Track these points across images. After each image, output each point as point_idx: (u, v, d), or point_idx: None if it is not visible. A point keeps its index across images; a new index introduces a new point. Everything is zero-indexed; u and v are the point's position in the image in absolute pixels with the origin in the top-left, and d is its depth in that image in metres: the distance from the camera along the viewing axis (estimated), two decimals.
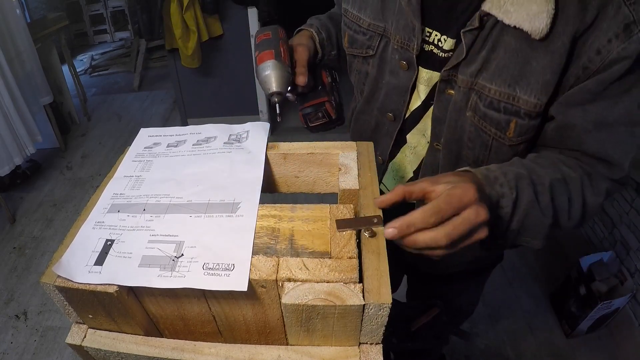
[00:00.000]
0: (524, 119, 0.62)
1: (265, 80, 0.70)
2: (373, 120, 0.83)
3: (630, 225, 1.67)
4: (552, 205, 0.59)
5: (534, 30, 0.55)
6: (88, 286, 0.47)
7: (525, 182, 0.57)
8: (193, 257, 0.47)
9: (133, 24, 4.39)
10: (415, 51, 0.67)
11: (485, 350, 1.70)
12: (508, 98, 0.61)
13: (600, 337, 1.71)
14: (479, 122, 0.65)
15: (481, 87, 0.63)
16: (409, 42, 0.68)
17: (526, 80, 0.59)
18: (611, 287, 1.59)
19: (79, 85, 3.39)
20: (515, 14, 0.55)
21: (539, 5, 0.53)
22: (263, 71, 0.70)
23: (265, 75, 0.70)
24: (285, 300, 0.43)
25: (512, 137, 0.64)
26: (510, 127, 0.63)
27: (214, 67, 2.85)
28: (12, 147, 2.26)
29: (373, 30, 0.74)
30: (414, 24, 0.66)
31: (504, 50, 0.59)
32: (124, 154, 0.66)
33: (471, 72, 0.63)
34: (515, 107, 0.61)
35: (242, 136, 0.66)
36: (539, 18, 0.54)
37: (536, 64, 0.58)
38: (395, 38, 0.70)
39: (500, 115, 0.63)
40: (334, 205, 0.53)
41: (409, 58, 0.69)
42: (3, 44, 2.21)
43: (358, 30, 0.76)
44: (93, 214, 0.56)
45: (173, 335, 0.56)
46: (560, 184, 0.59)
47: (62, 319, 1.89)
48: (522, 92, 0.60)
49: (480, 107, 0.64)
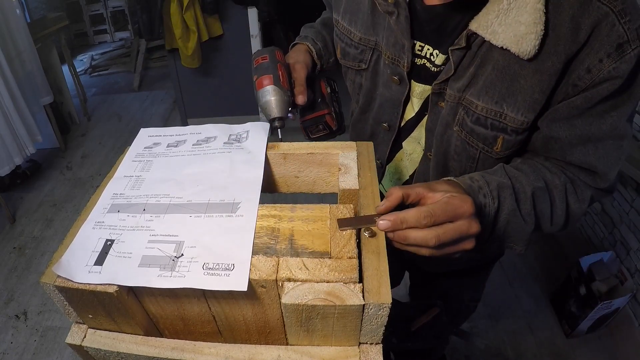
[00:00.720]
0: (510, 135, 0.62)
1: (266, 106, 0.71)
2: (369, 128, 0.84)
3: (630, 225, 1.67)
4: (534, 212, 0.60)
5: (522, 52, 0.54)
6: (88, 286, 0.47)
7: (508, 192, 0.59)
8: (193, 257, 0.47)
9: (133, 24, 4.38)
10: (405, 68, 0.67)
11: (485, 350, 1.70)
12: (495, 115, 0.61)
13: (600, 337, 1.71)
14: (466, 136, 0.65)
15: (468, 102, 0.62)
16: (399, 58, 0.68)
17: (514, 98, 0.58)
18: (611, 287, 1.59)
19: (79, 85, 3.39)
20: (502, 34, 0.54)
21: (527, 27, 0.52)
22: (263, 97, 0.71)
23: (265, 102, 0.71)
24: (285, 300, 0.43)
25: (500, 152, 0.64)
26: (498, 142, 0.63)
27: (214, 67, 2.85)
28: (12, 147, 2.26)
29: (364, 44, 0.73)
30: (403, 42, 0.66)
31: (492, 67, 0.59)
32: (124, 154, 0.66)
33: (459, 87, 0.62)
34: (502, 124, 0.61)
35: (242, 136, 0.66)
36: (527, 39, 0.53)
37: (524, 82, 0.57)
38: (386, 54, 0.70)
39: (487, 132, 0.63)
40: (334, 205, 0.53)
41: (400, 73, 0.69)
42: (3, 44, 2.21)
43: (350, 44, 0.76)
44: (93, 214, 0.55)
45: (173, 335, 0.56)
46: (543, 191, 0.61)
47: (62, 319, 1.89)
48: (510, 109, 0.59)
49: (467, 122, 0.64)
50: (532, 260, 2.05)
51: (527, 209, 0.60)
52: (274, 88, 0.71)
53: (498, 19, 0.53)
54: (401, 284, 1.25)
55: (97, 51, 4.75)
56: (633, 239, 1.66)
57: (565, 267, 1.82)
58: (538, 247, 2.09)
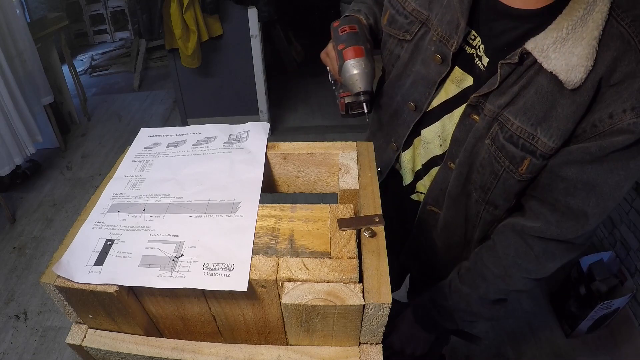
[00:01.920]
0: (538, 159, 0.63)
1: (357, 78, 0.69)
2: (394, 104, 0.82)
3: (630, 225, 1.67)
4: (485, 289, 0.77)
5: (569, 81, 0.55)
6: (88, 286, 0.47)
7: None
8: (193, 257, 0.47)
9: (133, 24, 4.37)
10: (453, 48, 0.67)
11: (485, 350, 1.70)
12: (528, 136, 0.62)
13: (600, 337, 1.71)
14: (495, 151, 0.66)
15: (505, 119, 0.63)
16: (449, 37, 0.67)
17: (548, 123, 0.60)
18: (611, 287, 1.59)
19: (79, 85, 3.39)
20: (555, 61, 0.55)
21: (579, 59, 0.54)
22: (355, 68, 0.68)
23: (356, 73, 0.68)
24: (285, 300, 0.43)
25: (523, 174, 0.65)
26: (524, 164, 0.64)
27: (214, 67, 2.85)
28: (12, 147, 2.26)
29: (415, 16, 0.72)
30: (459, 22, 0.65)
31: (535, 90, 0.60)
32: (124, 154, 0.66)
33: (499, 104, 0.63)
34: (532, 147, 0.62)
35: (242, 136, 0.66)
36: (575, 71, 0.54)
37: (561, 110, 0.59)
38: (436, 30, 0.69)
39: (516, 151, 0.64)
40: (334, 205, 0.53)
41: (445, 53, 0.68)
42: (3, 44, 2.21)
43: (400, 12, 0.75)
44: (93, 214, 0.56)
45: (173, 335, 0.56)
46: (472, 276, 0.78)
47: (62, 319, 1.89)
48: (543, 134, 0.61)
49: (499, 138, 0.65)
50: None
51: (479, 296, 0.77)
52: (367, 59, 0.68)
53: (554, 46, 0.55)
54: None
55: (97, 51, 4.75)
56: (633, 239, 1.66)
57: (565, 267, 1.82)
58: None
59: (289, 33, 3.87)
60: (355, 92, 0.70)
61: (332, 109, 3.37)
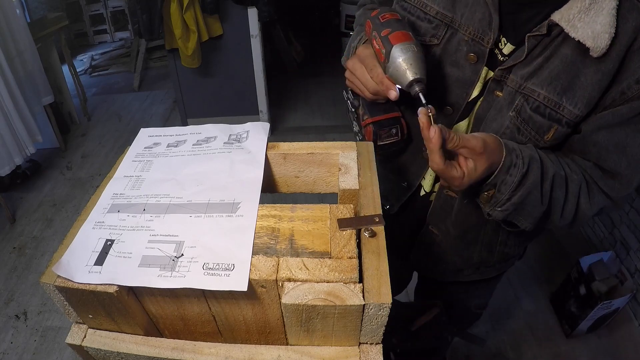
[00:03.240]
0: (564, 126, 0.65)
1: (408, 62, 0.60)
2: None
3: (630, 225, 1.67)
4: (550, 195, 0.66)
5: (596, 48, 0.58)
6: (88, 286, 0.47)
7: (536, 165, 0.64)
8: (193, 257, 0.47)
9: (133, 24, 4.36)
10: (489, 45, 0.67)
11: (485, 350, 1.70)
12: (555, 105, 0.64)
13: (600, 337, 1.70)
14: (521, 123, 0.68)
15: (530, 91, 0.65)
16: (483, 35, 0.67)
17: (573, 92, 0.63)
18: (611, 287, 1.59)
19: (79, 85, 3.39)
20: (581, 29, 0.58)
21: (603, 27, 0.57)
22: (404, 52, 0.60)
23: (407, 57, 0.60)
24: (285, 300, 0.43)
25: (548, 141, 0.67)
26: (550, 132, 0.66)
27: (214, 67, 2.85)
28: (12, 147, 2.26)
29: (440, 19, 0.71)
30: (491, 18, 0.66)
31: (559, 60, 0.62)
32: (124, 154, 0.66)
33: (523, 75, 0.65)
34: (559, 115, 0.64)
35: (242, 136, 0.66)
36: (601, 37, 0.57)
37: (584, 79, 0.62)
38: (467, 30, 0.68)
39: (544, 121, 0.66)
40: (334, 205, 0.53)
41: (481, 51, 0.68)
42: (3, 44, 2.21)
43: (422, 17, 0.72)
44: (93, 214, 0.55)
45: (173, 335, 0.56)
46: (562, 180, 0.66)
47: (62, 319, 1.89)
48: (568, 102, 0.63)
49: (526, 109, 0.66)
50: (532, 260, 2.05)
51: (546, 188, 0.65)
52: (417, 45, 0.61)
53: (579, 15, 0.58)
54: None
55: (97, 51, 4.75)
56: (633, 239, 1.66)
57: (565, 267, 1.82)
58: (538, 247, 2.09)
59: (289, 33, 3.87)
60: (407, 81, 0.61)
61: (332, 109, 3.37)
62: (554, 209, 0.68)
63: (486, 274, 0.96)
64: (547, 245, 2.10)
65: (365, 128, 0.71)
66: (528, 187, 0.64)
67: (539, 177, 0.64)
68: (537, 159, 0.64)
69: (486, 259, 0.90)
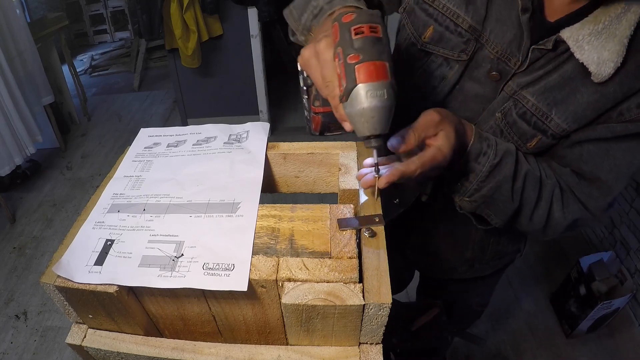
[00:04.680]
0: (548, 138, 0.64)
1: (370, 113, 0.46)
2: None
3: (630, 225, 1.68)
4: (521, 194, 0.64)
5: (598, 74, 0.56)
6: (88, 286, 0.47)
7: (510, 160, 0.62)
8: (193, 257, 0.47)
9: (133, 24, 4.37)
10: (516, 67, 0.64)
11: (485, 350, 1.70)
12: (542, 115, 0.63)
13: (600, 337, 1.70)
14: (505, 126, 0.66)
15: (521, 97, 0.64)
16: (510, 56, 0.63)
17: (565, 107, 0.61)
18: (611, 287, 1.59)
19: (79, 85, 3.39)
20: (588, 52, 0.56)
21: (611, 54, 0.55)
22: (369, 98, 0.45)
23: (371, 107, 0.45)
24: (285, 300, 0.43)
25: (531, 148, 0.66)
26: (534, 140, 0.65)
27: (214, 67, 2.85)
28: (12, 147, 2.26)
29: (472, 34, 0.64)
30: (522, 41, 0.62)
31: (558, 75, 0.61)
32: (124, 154, 0.66)
33: (520, 83, 0.64)
34: (545, 126, 0.63)
35: (242, 136, 0.66)
36: (606, 65, 0.55)
37: (580, 97, 0.60)
38: (494, 48, 0.64)
39: (528, 129, 0.64)
40: (334, 205, 0.53)
41: (505, 71, 0.65)
42: (4, 44, 2.21)
43: (453, 30, 0.65)
44: (93, 214, 0.56)
45: (173, 335, 0.56)
46: (536, 181, 0.64)
47: (62, 319, 1.89)
48: (557, 115, 0.62)
49: (512, 113, 0.65)
50: (532, 260, 2.05)
51: (518, 185, 0.63)
52: (390, 86, 0.46)
53: (589, 38, 0.56)
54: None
55: (97, 51, 4.75)
56: (633, 239, 1.66)
57: (565, 267, 1.82)
58: (538, 247, 2.09)
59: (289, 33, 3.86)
60: (366, 134, 0.48)
61: None
62: (523, 211, 0.66)
63: (481, 272, 0.96)
64: (547, 245, 2.10)
65: (314, 116, 0.60)
66: (499, 180, 0.62)
67: (511, 171, 0.62)
68: (512, 154, 0.63)
69: (479, 257, 0.90)
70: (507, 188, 0.63)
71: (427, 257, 0.96)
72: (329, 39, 0.50)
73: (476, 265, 0.94)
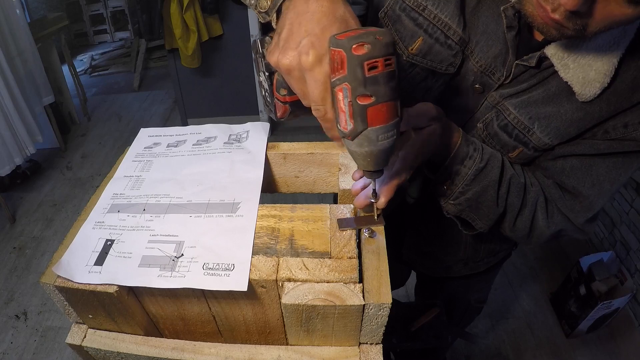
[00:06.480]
0: (530, 150, 0.63)
1: (379, 154, 0.43)
2: None
3: (630, 225, 1.67)
4: (506, 199, 0.63)
5: (582, 94, 0.55)
6: (88, 286, 0.47)
7: (496, 164, 0.62)
8: (193, 257, 0.47)
9: (133, 24, 4.38)
10: (499, 82, 0.62)
11: (485, 350, 1.70)
12: (524, 129, 0.62)
13: (600, 337, 1.71)
14: (487, 137, 0.66)
15: (504, 108, 0.63)
16: (494, 70, 0.62)
17: (547, 121, 0.60)
18: (611, 287, 1.59)
19: (79, 85, 3.39)
20: (573, 71, 0.54)
21: (597, 74, 0.53)
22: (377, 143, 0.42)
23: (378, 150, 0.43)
24: (285, 300, 0.44)
25: (513, 158, 0.66)
26: (515, 152, 0.65)
27: (214, 67, 2.85)
28: (12, 147, 2.26)
29: (460, 46, 0.61)
30: (507, 57, 0.60)
31: (543, 90, 0.59)
32: (124, 154, 0.66)
33: (502, 94, 0.63)
34: (526, 139, 0.62)
35: (242, 136, 0.66)
36: (591, 85, 0.54)
37: (564, 113, 0.58)
38: (478, 62, 0.62)
39: (509, 140, 0.64)
40: (334, 205, 0.53)
41: (488, 84, 0.63)
42: (4, 44, 2.21)
43: (443, 42, 0.62)
44: (93, 214, 0.56)
45: (173, 335, 0.56)
46: (520, 187, 0.64)
47: (62, 319, 1.89)
48: (540, 130, 0.61)
49: (493, 125, 0.64)
50: (532, 260, 2.05)
51: (503, 190, 0.63)
52: (400, 121, 0.43)
53: (574, 56, 0.54)
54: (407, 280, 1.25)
55: (97, 51, 4.75)
56: (633, 239, 1.66)
57: (565, 267, 1.82)
58: (538, 247, 2.09)
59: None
60: (367, 170, 0.46)
61: None
62: (507, 216, 0.65)
63: (476, 269, 0.97)
64: (547, 245, 2.10)
65: (280, 104, 0.52)
66: (484, 184, 0.61)
67: (497, 176, 0.61)
68: (498, 159, 0.62)
69: (472, 256, 0.91)
70: (492, 193, 0.62)
71: (421, 257, 0.97)
72: (320, 54, 0.41)
73: (470, 264, 0.94)
